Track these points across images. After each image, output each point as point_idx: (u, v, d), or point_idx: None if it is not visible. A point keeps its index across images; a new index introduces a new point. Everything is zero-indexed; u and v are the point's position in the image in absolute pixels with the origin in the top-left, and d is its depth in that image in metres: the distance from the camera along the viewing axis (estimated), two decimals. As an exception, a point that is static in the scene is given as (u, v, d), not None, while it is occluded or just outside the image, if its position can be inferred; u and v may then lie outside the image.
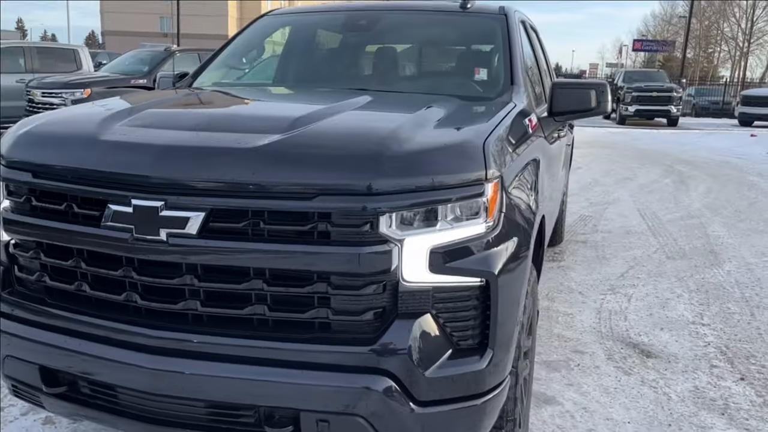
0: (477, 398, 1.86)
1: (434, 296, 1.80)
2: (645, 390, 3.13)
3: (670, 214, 7.30)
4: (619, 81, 24.38)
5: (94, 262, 1.91)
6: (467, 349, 1.85)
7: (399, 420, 1.77)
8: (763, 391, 3.15)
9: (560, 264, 5.20)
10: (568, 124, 4.91)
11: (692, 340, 3.75)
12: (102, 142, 1.93)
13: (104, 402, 1.96)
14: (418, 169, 1.78)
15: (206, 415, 1.87)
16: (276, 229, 1.74)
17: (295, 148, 1.82)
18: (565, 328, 3.88)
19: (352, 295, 1.77)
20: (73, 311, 1.96)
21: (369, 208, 1.71)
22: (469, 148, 1.88)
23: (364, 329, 1.79)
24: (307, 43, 3.56)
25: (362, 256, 1.72)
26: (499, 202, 1.89)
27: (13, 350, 2.03)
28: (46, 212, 1.96)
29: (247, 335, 1.81)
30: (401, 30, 3.44)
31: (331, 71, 3.28)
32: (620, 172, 10.51)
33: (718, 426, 2.82)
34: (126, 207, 1.79)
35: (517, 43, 3.05)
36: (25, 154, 2.03)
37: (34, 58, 12.31)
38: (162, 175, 1.78)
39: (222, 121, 2.22)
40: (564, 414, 2.89)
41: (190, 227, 1.75)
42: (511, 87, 2.80)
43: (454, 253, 1.79)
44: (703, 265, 5.27)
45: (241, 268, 1.78)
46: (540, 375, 3.24)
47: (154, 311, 1.86)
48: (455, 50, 3.59)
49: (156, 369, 1.81)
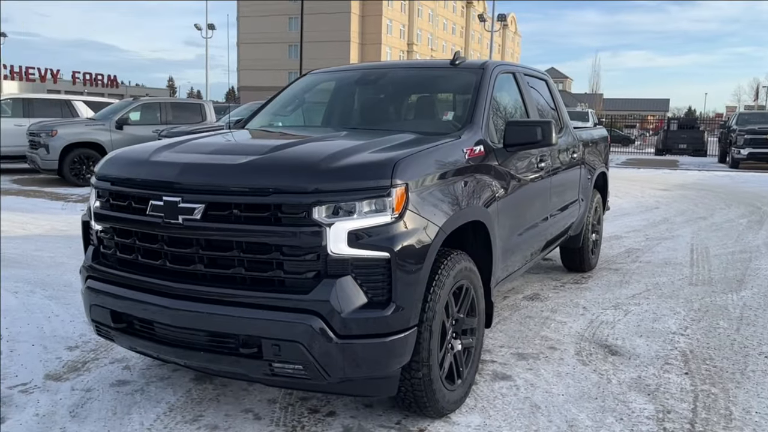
0: (384, 337, 2.68)
1: (352, 264, 2.65)
2: (592, 376, 3.72)
3: (722, 249, 7.49)
4: (733, 123, 23.61)
5: (143, 239, 2.94)
6: (377, 302, 2.68)
7: (326, 347, 2.62)
8: (699, 382, 3.63)
9: (580, 286, 5.76)
10: (585, 162, 5.55)
11: (662, 345, 4.24)
12: (151, 161, 3.00)
13: (147, 333, 2.96)
14: (340, 177, 2.67)
15: (206, 341, 2.81)
16: (248, 215, 2.69)
17: (261, 164, 2.78)
18: (553, 332, 4.49)
19: (296, 261, 2.66)
20: (131, 272, 3.00)
21: (305, 202, 2.62)
22: (382, 165, 2.75)
23: (305, 285, 2.67)
24: (331, 94, 4.58)
25: (301, 234, 2.62)
26: (405, 201, 2.73)
27: (96, 300, 3.10)
28: (118, 208, 3.03)
29: (232, 287, 2.75)
30: (400, 83, 4.38)
31: (341, 115, 4.28)
32: (697, 212, 10.60)
33: (637, 401, 3.38)
34: (159, 202, 2.81)
35: (484, 91, 3.86)
36: (107, 171, 3.14)
37: (168, 111, 14.42)
38: (180, 181, 2.80)
39: (228, 149, 3.22)
40: (512, 386, 3.56)
41: (196, 214, 2.73)
42: (469, 125, 3.62)
43: (366, 234, 2.65)
44: (721, 290, 5.60)
45: (227, 242, 2.73)
46: (508, 362, 3.91)
47: (177, 271, 2.86)
48: (436, 97, 4.46)
49: (178, 309, 2.79)
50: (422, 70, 4.54)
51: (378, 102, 4.34)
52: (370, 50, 72.83)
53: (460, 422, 3.12)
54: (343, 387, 2.86)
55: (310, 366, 2.65)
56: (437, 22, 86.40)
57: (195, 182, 2.78)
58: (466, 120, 3.69)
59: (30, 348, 4.03)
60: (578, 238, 5.82)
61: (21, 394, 3.37)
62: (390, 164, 2.75)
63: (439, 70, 4.41)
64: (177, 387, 3.49)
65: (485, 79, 3.97)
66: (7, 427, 3.03)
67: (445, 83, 4.35)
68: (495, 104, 3.97)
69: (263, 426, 3.07)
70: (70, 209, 10.30)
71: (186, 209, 2.74)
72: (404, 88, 4.40)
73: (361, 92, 4.47)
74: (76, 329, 4.40)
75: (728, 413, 3.26)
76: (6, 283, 5.48)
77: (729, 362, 3.95)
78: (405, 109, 4.29)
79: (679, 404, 3.35)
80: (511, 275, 4.17)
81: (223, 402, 3.32)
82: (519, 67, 4.66)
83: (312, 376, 2.70)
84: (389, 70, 4.48)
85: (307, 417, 3.16)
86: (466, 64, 4.25)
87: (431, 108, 4.31)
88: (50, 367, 3.73)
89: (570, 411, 3.26)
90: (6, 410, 3.19)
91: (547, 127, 3.66)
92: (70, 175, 13.07)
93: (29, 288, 5.38)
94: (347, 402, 3.31)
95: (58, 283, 5.55)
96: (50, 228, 8.43)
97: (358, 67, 4.68)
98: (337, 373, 2.68)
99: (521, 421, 3.15)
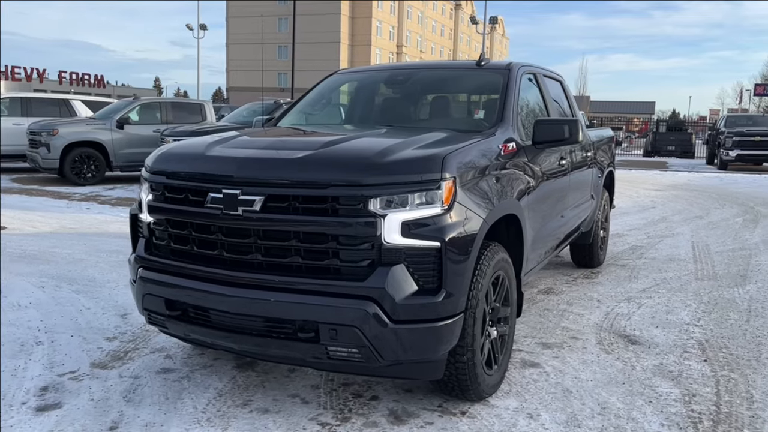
0: (434, 322, 2.83)
1: (405, 253, 2.80)
2: (617, 363, 3.89)
3: (722, 246, 7.73)
4: (721, 126, 24.03)
5: (199, 230, 3.07)
6: (428, 289, 2.83)
7: (380, 331, 2.76)
8: (718, 369, 3.82)
9: (591, 280, 5.95)
10: (596, 161, 5.74)
11: (679, 335, 4.43)
12: (207, 156, 3.13)
13: (203, 320, 3.09)
14: (393, 171, 2.82)
15: (263, 327, 2.94)
16: (306, 207, 2.83)
17: (318, 158, 2.92)
18: (572, 323, 4.67)
19: (352, 250, 2.81)
20: (186, 262, 3.12)
21: (361, 195, 2.77)
22: (432, 159, 2.90)
23: (360, 272, 2.81)
24: (358, 93, 4.73)
25: (357, 224, 2.76)
26: (453, 194, 2.89)
27: (149, 290, 3.23)
28: (173, 200, 3.16)
29: (289, 275, 2.88)
30: (429, 83, 4.54)
31: (371, 113, 4.43)
32: (693, 211, 10.86)
33: (663, 386, 3.56)
34: (219, 194, 2.94)
35: (512, 91, 4.02)
36: (162, 165, 3.27)
37: (168, 111, 14.46)
38: (240, 175, 2.93)
39: (280, 144, 3.36)
40: (542, 373, 3.73)
41: (255, 206, 2.87)
42: (500, 123, 3.78)
43: (418, 225, 2.80)
44: (727, 285, 5.81)
45: (285, 232, 2.87)
46: (534, 350, 4.08)
47: (234, 261, 2.99)
48: (466, 96, 4.62)
49: (235, 296, 2.93)
50: (449, 71, 4.71)
51: (409, 101, 4.50)
52: (360, 52, 73.06)
53: (499, 405, 3.28)
54: (393, 370, 3.01)
55: (364, 349, 2.80)
56: (426, 24, 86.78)
57: (254, 175, 2.92)
58: (497, 118, 3.85)
59: (69, 339, 4.14)
60: (589, 235, 6.01)
61: (72, 381, 3.49)
62: (439, 159, 2.90)
63: (466, 71, 4.58)
64: (222, 374, 3.62)
65: (512, 80, 4.13)
66: (65, 411, 3.15)
67: (472, 83, 4.52)
68: (521, 103, 4.14)
69: (312, 409, 3.21)
70: (75, 208, 10.36)
71: (246, 201, 2.88)
72: (433, 87, 4.56)
73: (391, 92, 4.63)
74: (110, 321, 4.51)
75: (749, 396, 3.44)
76: (31, 278, 5.58)
77: (744, 350, 4.14)
78: (435, 107, 4.44)
79: (702, 388, 3.54)
80: (535, 268, 4.34)
81: (269, 388, 3.46)
82: (539, 68, 4.83)
83: (366, 359, 2.84)
84: (416, 70, 4.64)
85: (352, 401, 3.31)
86: (491, 65, 4.42)
87: (461, 107, 4.48)
88: (94, 357, 3.85)
89: (601, 395, 3.43)
90: (60, 396, 3.31)
91: (574, 126, 3.84)
92: (71, 174, 13.09)
93: (54, 283, 5.48)
94: (387, 387, 3.46)
95: (82, 278, 5.65)
96: (59, 226, 8.50)
97: (384, 68, 4.84)
98: (389, 356, 2.83)
99: (556, 404, 3.32)
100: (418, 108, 4.46)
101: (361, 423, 3.08)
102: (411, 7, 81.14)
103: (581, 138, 3.85)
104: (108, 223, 8.90)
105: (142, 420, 3.07)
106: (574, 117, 5.47)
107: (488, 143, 3.42)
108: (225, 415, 3.13)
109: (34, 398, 3.28)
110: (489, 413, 3.20)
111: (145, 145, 13.13)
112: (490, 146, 3.42)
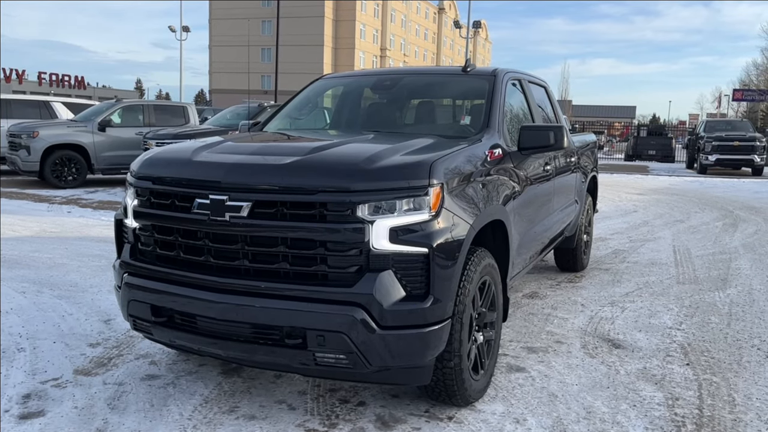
0: (422, 327, 2.84)
1: (393, 259, 2.80)
2: (601, 367, 3.93)
3: (703, 250, 7.83)
4: (700, 130, 24.36)
5: (185, 236, 3.05)
6: (416, 295, 2.84)
7: (368, 337, 2.76)
8: (700, 372, 3.87)
9: (575, 284, 6.00)
10: (580, 166, 5.79)
11: (661, 338, 4.48)
12: (194, 161, 3.11)
13: (189, 327, 3.07)
14: (382, 177, 2.83)
15: (250, 333, 2.93)
16: (293, 213, 2.82)
17: (306, 164, 2.91)
18: (557, 327, 4.70)
19: (340, 256, 2.81)
20: (172, 268, 3.10)
21: (349, 201, 2.77)
22: (419, 165, 2.91)
23: (347, 278, 2.81)
24: (345, 98, 4.74)
25: (345, 230, 2.76)
26: (441, 200, 2.90)
27: (134, 296, 3.20)
28: (159, 206, 3.14)
29: (277, 281, 2.87)
30: (415, 88, 4.56)
31: (358, 118, 4.44)
32: (674, 215, 10.99)
33: (646, 390, 3.59)
34: (206, 200, 2.92)
35: (498, 97, 4.05)
36: (148, 171, 3.24)
37: (150, 113, 14.36)
38: (227, 180, 2.92)
39: (267, 150, 3.35)
40: (528, 377, 3.75)
41: (242, 212, 2.85)
42: (486, 129, 3.81)
43: (406, 231, 2.80)
44: (708, 289, 5.89)
45: (273, 238, 2.86)
46: (520, 355, 4.10)
47: (221, 267, 2.98)
48: (452, 102, 4.65)
49: (222, 302, 2.91)
50: (435, 77, 4.73)
51: (395, 106, 4.51)
52: (344, 54, 73.01)
53: (485, 410, 3.30)
54: (380, 376, 3.01)
55: (352, 355, 2.80)
56: (410, 28, 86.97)
57: (242, 181, 2.90)
58: (483, 124, 3.88)
59: (52, 345, 4.09)
60: (573, 239, 6.06)
61: (55, 389, 3.44)
62: (426, 165, 2.91)
63: (452, 77, 4.60)
64: (207, 380, 3.60)
65: (497, 86, 4.16)
66: (49, 419, 3.11)
67: (458, 89, 4.54)
68: (506, 109, 4.17)
69: (299, 415, 3.20)
70: (56, 211, 10.24)
71: (233, 207, 2.86)
72: (419, 93, 4.57)
73: (378, 97, 4.63)
74: (93, 327, 4.46)
75: (731, 399, 3.49)
76: (11, 284, 5.50)
77: (725, 354, 4.20)
78: (422, 113, 4.46)
79: (685, 392, 3.58)
80: (520, 272, 4.37)
81: (255, 394, 3.45)
82: (524, 74, 4.87)
83: (353, 365, 2.84)
84: (403, 76, 4.65)
85: (339, 407, 3.30)
86: (477, 71, 4.44)
87: (447, 112, 4.50)
88: (77, 363, 3.80)
89: (586, 399, 3.46)
90: (43, 403, 3.27)
91: (560, 132, 3.87)
92: (52, 177, 12.94)
93: (36, 288, 5.41)
94: (375, 393, 3.46)
95: (64, 283, 5.58)
96: (40, 230, 8.40)
97: (371, 73, 4.85)
98: (377, 362, 2.83)
99: (541, 408, 3.34)
100: (404, 113, 4.47)
101: (349, 429, 3.08)
102: (395, 10, 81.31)
103: (566, 144, 3.89)
104: (89, 226, 8.81)
105: (127, 427, 3.04)
106: (559, 123, 5.52)
107: (474, 149, 3.44)
108: (211, 422, 3.11)
109: (16, 406, 3.23)
110: (476, 418, 3.21)
111: (127, 147, 13.03)
112: (477, 152, 3.43)
